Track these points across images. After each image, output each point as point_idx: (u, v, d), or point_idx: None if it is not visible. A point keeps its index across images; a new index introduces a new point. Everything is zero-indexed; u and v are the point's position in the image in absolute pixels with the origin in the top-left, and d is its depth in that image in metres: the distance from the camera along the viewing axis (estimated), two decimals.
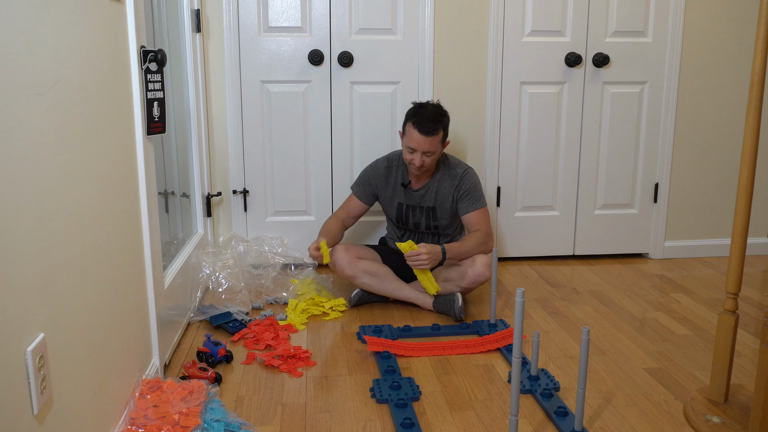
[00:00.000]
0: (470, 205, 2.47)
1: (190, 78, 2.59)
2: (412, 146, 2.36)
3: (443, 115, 2.40)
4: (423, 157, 2.36)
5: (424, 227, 2.56)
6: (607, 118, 3.02)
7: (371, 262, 2.49)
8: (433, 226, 2.55)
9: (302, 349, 2.13)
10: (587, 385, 1.90)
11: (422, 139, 2.33)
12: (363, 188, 2.58)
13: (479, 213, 2.48)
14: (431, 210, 2.52)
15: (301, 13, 2.78)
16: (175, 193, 2.54)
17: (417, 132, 2.34)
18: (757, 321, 2.41)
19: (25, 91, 1.07)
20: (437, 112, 2.38)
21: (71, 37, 1.29)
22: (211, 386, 1.79)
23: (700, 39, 2.99)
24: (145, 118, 1.77)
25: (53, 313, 1.17)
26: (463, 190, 2.47)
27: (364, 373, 1.99)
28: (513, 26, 2.88)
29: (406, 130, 2.40)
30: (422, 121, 2.33)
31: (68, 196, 1.25)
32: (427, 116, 2.35)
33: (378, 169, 2.56)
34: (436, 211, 2.52)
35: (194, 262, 2.45)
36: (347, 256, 2.44)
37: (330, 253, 2.43)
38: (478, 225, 2.47)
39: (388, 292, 2.49)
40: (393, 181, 2.55)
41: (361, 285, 2.47)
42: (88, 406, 1.34)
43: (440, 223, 2.54)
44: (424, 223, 2.55)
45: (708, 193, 3.17)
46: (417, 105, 2.42)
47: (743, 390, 1.83)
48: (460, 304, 2.37)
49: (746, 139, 1.64)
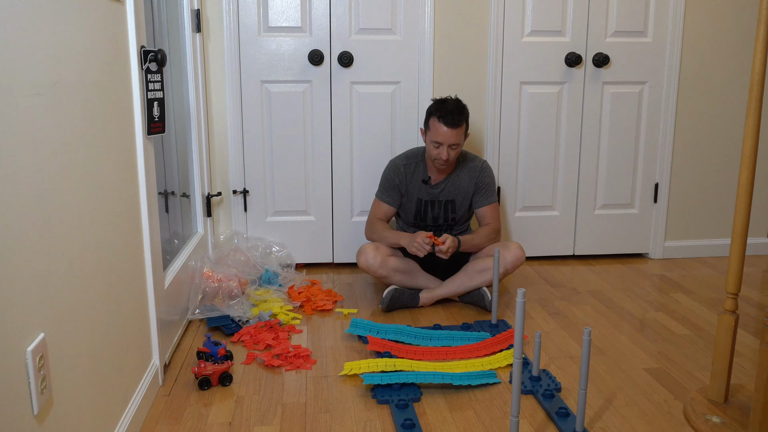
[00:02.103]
0: (485, 199, 2.56)
1: (190, 78, 2.59)
2: (438, 140, 2.41)
3: (465, 108, 2.47)
4: (449, 150, 2.41)
5: (442, 220, 2.60)
6: (607, 118, 3.02)
7: (400, 260, 2.53)
8: (451, 218, 2.60)
9: (302, 347, 2.13)
10: (587, 385, 1.89)
11: (448, 131, 2.38)
12: (389, 192, 2.61)
13: (492, 207, 2.58)
14: (450, 203, 2.57)
15: (301, 13, 2.78)
16: (175, 193, 2.54)
17: (443, 125, 2.39)
18: (757, 321, 2.41)
19: (24, 91, 1.07)
20: (459, 105, 2.45)
21: (71, 37, 1.29)
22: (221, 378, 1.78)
23: (700, 39, 2.99)
24: (145, 118, 1.77)
25: (53, 313, 1.17)
26: (482, 184, 2.55)
27: None
28: (513, 26, 2.88)
29: (430, 125, 2.45)
30: (447, 115, 2.39)
31: (68, 196, 1.25)
32: (451, 110, 2.41)
33: (398, 167, 2.59)
34: (455, 204, 2.57)
35: (194, 263, 2.45)
36: (378, 255, 2.46)
37: (360, 252, 2.48)
38: (490, 219, 2.57)
39: (421, 286, 2.55)
40: (415, 178, 2.57)
41: (394, 283, 2.51)
42: (88, 406, 1.34)
43: (457, 215, 2.59)
44: (443, 216, 2.59)
45: (708, 193, 3.17)
46: (438, 100, 2.48)
47: (743, 390, 1.83)
48: (489, 297, 2.45)
49: (746, 139, 1.64)
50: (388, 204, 2.61)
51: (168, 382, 1.93)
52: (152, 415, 1.74)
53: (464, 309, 2.52)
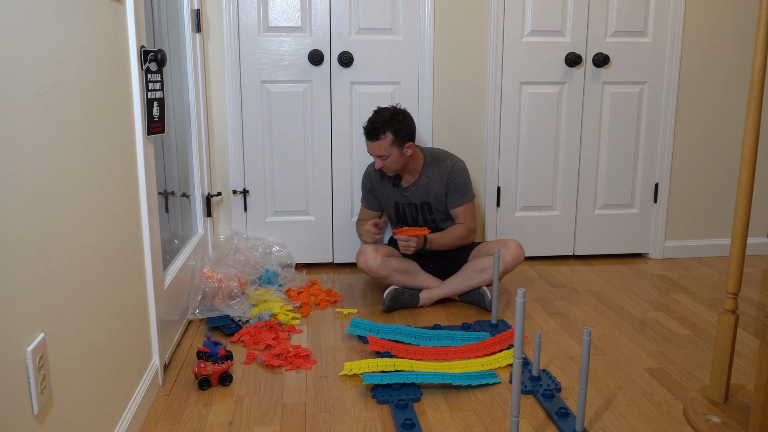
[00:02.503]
0: (458, 200, 2.57)
1: (190, 78, 2.59)
2: (368, 151, 2.48)
3: (392, 120, 2.41)
4: (380, 160, 2.46)
5: (422, 222, 2.62)
6: (607, 118, 3.02)
7: (400, 260, 2.55)
8: (431, 220, 2.62)
9: (302, 347, 2.13)
10: (587, 385, 1.89)
11: (369, 144, 2.46)
12: (367, 196, 2.72)
13: (465, 207, 2.58)
14: (426, 205, 2.59)
15: (301, 13, 2.78)
16: (175, 193, 2.54)
17: (365, 137, 2.46)
18: (757, 321, 2.41)
19: (25, 91, 1.07)
20: (386, 117, 2.42)
21: (71, 37, 1.29)
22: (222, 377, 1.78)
23: (700, 39, 2.99)
24: (145, 118, 1.77)
25: (53, 313, 1.17)
26: (452, 185, 2.55)
27: None
28: (513, 26, 2.88)
29: None
30: (367, 127, 2.45)
31: (68, 196, 1.25)
32: (373, 121, 2.43)
33: (370, 172, 2.67)
34: (431, 206, 2.58)
35: (194, 263, 2.45)
36: (378, 256, 2.47)
37: (359, 253, 2.50)
38: (463, 219, 2.59)
39: (421, 286, 2.55)
40: (387, 181, 2.62)
41: (395, 283, 2.52)
42: (88, 406, 1.34)
43: (437, 216, 2.61)
44: (421, 218, 2.61)
45: (708, 193, 3.17)
46: (375, 110, 2.50)
47: (743, 390, 1.83)
48: (489, 297, 2.46)
49: (746, 139, 1.64)
50: (368, 208, 2.72)
51: (168, 382, 1.93)
52: (152, 415, 1.74)
53: (464, 309, 2.52)
